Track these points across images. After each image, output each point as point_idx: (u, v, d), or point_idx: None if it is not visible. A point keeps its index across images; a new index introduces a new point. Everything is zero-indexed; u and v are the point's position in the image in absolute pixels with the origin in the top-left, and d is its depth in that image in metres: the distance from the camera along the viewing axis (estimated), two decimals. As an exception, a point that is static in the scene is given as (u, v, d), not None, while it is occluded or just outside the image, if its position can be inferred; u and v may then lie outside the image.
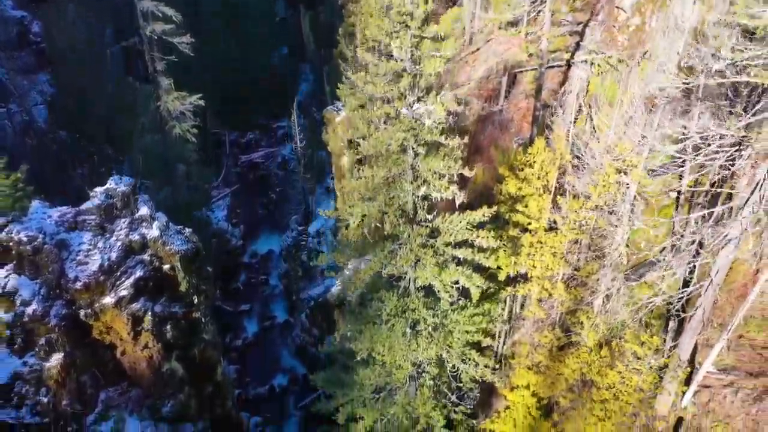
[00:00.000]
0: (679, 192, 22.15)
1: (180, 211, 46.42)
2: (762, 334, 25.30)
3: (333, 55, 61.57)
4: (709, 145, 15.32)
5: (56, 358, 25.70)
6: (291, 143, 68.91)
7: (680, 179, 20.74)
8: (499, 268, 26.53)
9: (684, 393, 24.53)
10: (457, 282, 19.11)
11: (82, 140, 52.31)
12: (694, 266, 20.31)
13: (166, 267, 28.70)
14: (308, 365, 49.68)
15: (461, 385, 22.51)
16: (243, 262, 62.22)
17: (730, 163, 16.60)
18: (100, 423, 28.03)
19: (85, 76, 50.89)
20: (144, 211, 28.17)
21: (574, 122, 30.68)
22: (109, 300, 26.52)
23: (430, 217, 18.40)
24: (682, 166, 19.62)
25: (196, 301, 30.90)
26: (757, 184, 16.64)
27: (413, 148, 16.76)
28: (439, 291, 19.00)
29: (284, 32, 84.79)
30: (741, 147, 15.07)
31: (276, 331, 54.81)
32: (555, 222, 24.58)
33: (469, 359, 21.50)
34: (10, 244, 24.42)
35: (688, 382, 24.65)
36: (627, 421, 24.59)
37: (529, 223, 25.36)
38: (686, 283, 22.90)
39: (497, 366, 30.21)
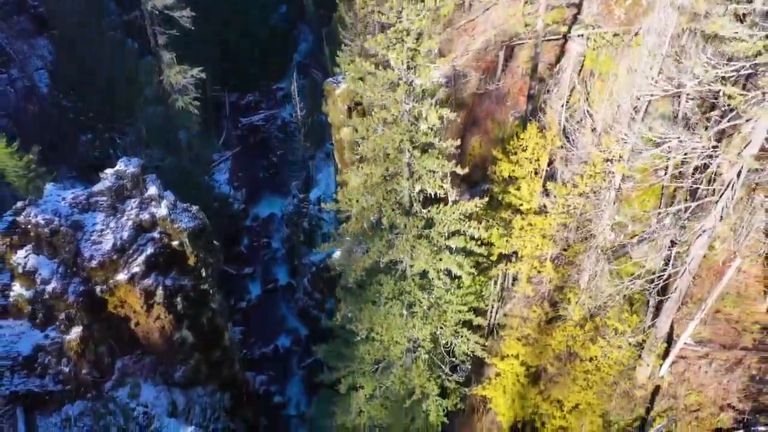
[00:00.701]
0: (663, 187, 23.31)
1: (184, 179, 47.63)
2: (737, 310, 26.95)
3: (332, 18, 61.51)
4: (686, 153, 16.44)
5: (75, 332, 27.43)
6: (291, 104, 69.18)
7: (665, 171, 21.87)
8: (492, 244, 28.07)
9: (661, 364, 26.39)
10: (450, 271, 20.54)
11: (85, 108, 52.88)
12: (672, 253, 21.67)
13: (175, 243, 30.13)
14: (310, 327, 51.88)
15: (454, 359, 24.23)
16: (245, 225, 63.68)
17: (707, 163, 17.78)
18: (118, 389, 30.03)
19: (86, 44, 51.09)
20: (153, 190, 29.40)
21: (568, 101, 31.59)
22: (122, 276, 28.06)
23: (425, 211, 19.62)
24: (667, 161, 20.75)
25: (203, 273, 32.49)
26: (729, 183, 17.91)
27: (409, 150, 17.88)
28: (432, 279, 20.48)
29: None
30: (714, 152, 16.20)
31: (279, 294, 56.76)
32: (545, 206, 25.85)
33: (462, 336, 23.13)
34: (29, 226, 25.76)
35: (666, 354, 26.47)
36: (608, 390, 26.52)
37: (521, 205, 26.67)
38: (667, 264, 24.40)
39: (490, 335, 32.13)
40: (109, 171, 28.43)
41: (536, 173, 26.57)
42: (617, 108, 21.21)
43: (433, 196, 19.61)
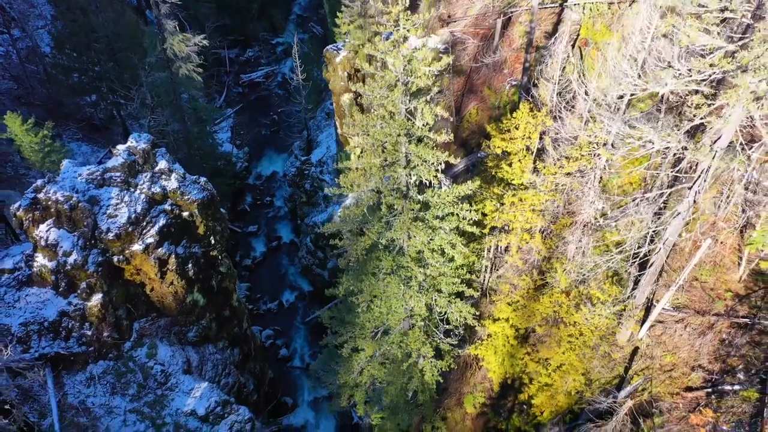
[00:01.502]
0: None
1: (189, 142, 48.90)
2: (712, 278, 28.87)
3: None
4: (664, 152, 17.91)
5: (96, 298, 29.44)
6: (291, 60, 69.43)
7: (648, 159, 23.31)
8: (485, 215, 29.78)
9: (641, 328, 28.51)
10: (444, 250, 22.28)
11: (87, 70, 53.53)
12: (649, 232, 23.35)
13: (185, 214, 31.79)
14: (313, 284, 54.13)
15: (448, 326, 26.29)
16: (248, 183, 65.15)
17: (680, 156, 19.26)
18: (136, 349, 32.32)
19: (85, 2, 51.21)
20: (163, 165, 30.84)
21: (562, 72, 32.56)
22: (137, 247, 29.85)
23: (421, 197, 21.18)
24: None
25: (212, 241, 34.29)
26: (702, 172, 19.44)
27: (405, 144, 19.31)
28: (427, 260, 22.27)
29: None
30: (683, 153, 17.63)
31: (283, 251, 58.76)
32: (534, 183, 27.39)
33: (455, 305, 25.09)
34: (49, 202, 27.34)
35: (645, 318, 28.55)
36: (589, 352, 28.75)
37: (512, 180, 28.19)
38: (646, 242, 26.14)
39: (483, 297, 34.22)
40: (120, 147, 29.78)
41: (528, 149, 28.00)
42: (604, 96, 22.48)
43: (428, 183, 21.06)
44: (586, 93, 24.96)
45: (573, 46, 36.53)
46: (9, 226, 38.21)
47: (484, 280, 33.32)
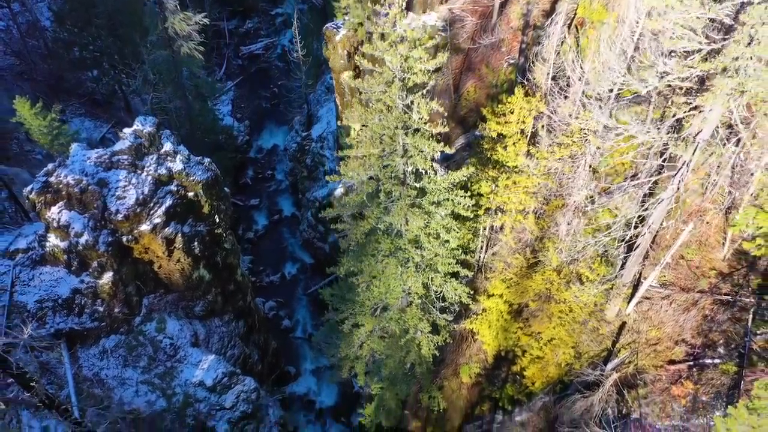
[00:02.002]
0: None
1: (191, 118, 49.62)
2: (697, 257, 30.09)
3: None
4: (650, 148, 18.86)
5: (107, 276, 30.71)
6: (290, 31, 69.41)
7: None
8: (480, 195, 30.87)
9: (628, 304, 29.86)
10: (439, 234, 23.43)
11: (88, 45, 53.85)
12: (635, 218, 24.44)
13: (190, 194, 32.84)
14: (314, 256, 55.47)
15: (444, 303, 27.59)
16: (250, 157, 65.94)
17: (664, 148, 20.22)
18: (146, 324, 33.75)
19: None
20: (168, 147, 31.75)
21: (558, 53, 33.19)
22: (145, 227, 30.99)
23: (417, 184, 22.21)
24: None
25: (217, 219, 35.42)
26: (683, 164, 20.44)
27: (402, 137, 20.25)
28: (423, 243, 23.42)
29: None
30: (665, 147, 18.58)
31: (284, 224, 59.92)
32: (528, 166, 28.36)
33: (450, 284, 26.35)
34: (60, 186, 28.37)
35: (633, 295, 29.86)
36: (578, 328, 30.16)
37: (507, 163, 29.17)
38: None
39: (478, 272, 35.51)
40: (127, 131, 30.65)
41: (522, 132, 28.90)
42: (596, 82, 23.29)
43: (425, 171, 22.05)
44: (579, 79, 25.77)
45: (570, 25, 36.98)
46: (19, 204, 39.32)
47: (479, 258, 34.56)
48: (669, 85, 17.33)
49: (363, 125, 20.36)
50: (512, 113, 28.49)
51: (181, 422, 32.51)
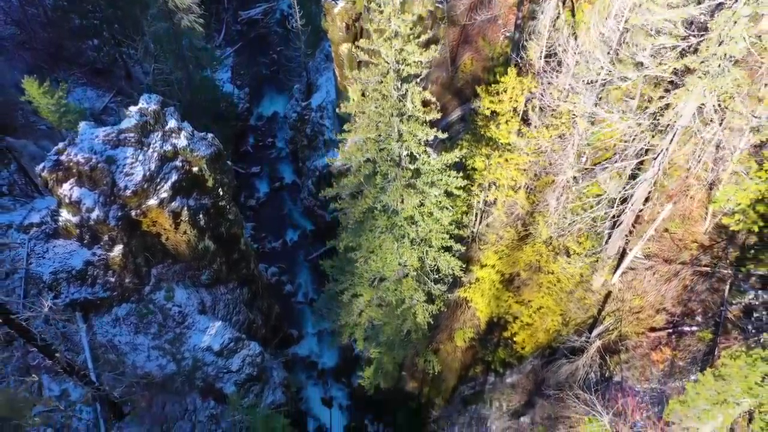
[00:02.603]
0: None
1: (192, 88, 50.36)
2: (681, 230, 31.50)
3: None
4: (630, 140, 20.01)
5: (117, 249, 32.20)
6: (289, -6, 69.08)
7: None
8: (475, 170, 32.13)
9: (614, 275, 31.43)
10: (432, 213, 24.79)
11: (88, 14, 54.15)
12: (618, 197, 25.75)
13: (195, 169, 34.04)
14: (315, 223, 56.94)
15: (438, 275, 29.15)
16: (250, 125, 66.72)
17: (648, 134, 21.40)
18: (155, 292, 35.42)
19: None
20: (172, 123, 32.80)
21: (554, 26, 33.88)
22: (153, 202, 32.31)
23: (412, 167, 23.45)
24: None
25: (221, 192, 36.70)
26: (661, 151, 21.66)
27: (397, 124, 21.40)
28: (418, 221, 24.80)
29: None
30: (641, 136, 19.74)
31: (285, 192, 61.20)
32: (519, 145, 29.50)
33: (443, 258, 27.85)
34: (71, 164, 29.57)
35: (618, 266, 31.41)
36: (565, 297, 31.81)
37: (499, 140, 30.32)
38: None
39: (473, 242, 37.01)
40: (133, 109, 31.63)
41: (515, 111, 29.97)
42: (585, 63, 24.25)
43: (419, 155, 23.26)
44: (569, 63, 26.68)
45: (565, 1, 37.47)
46: (28, 177, 40.55)
47: (473, 229, 36.01)
48: (649, 76, 18.39)
49: (360, 111, 21.46)
50: (505, 92, 29.51)
51: (190, 384, 34.48)
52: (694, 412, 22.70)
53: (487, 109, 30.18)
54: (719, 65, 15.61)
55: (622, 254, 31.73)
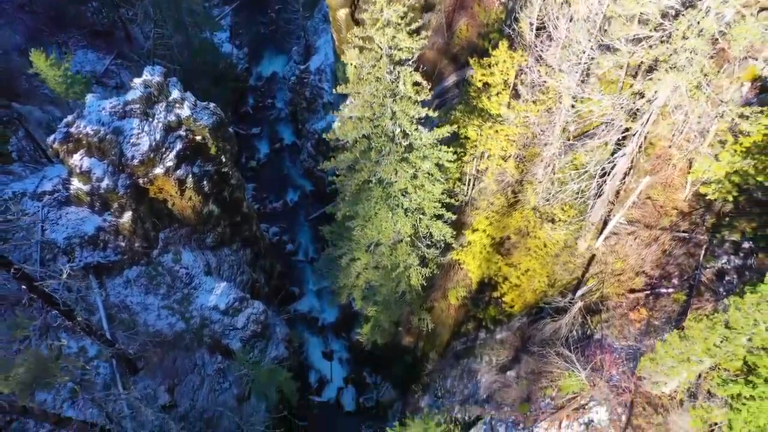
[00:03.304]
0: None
1: (192, 50, 51.05)
2: (662, 197, 33.06)
3: None
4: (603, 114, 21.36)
5: (127, 215, 33.88)
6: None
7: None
8: (467, 138, 33.50)
9: (597, 239, 33.19)
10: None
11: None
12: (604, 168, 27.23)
13: (198, 138, 35.39)
14: (315, 184, 58.45)
15: (431, 241, 30.91)
16: (250, 85, 67.37)
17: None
18: (163, 255, 37.29)
19: None
20: (176, 94, 33.98)
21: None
22: (159, 170, 33.81)
23: (405, 143, 24.87)
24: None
25: (223, 159, 38.14)
26: (636, 133, 23.04)
27: (391, 102, 22.72)
28: (410, 193, 26.38)
29: None
30: (614, 116, 21.08)
31: (285, 153, 62.47)
32: (509, 117, 30.77)
33: (436, 226, 29.55)
34: (80, 135, 30.94)
35: (602, 230, 33.13)
36: (551, 260, 33.65)
37: (491, 111, 31.58)
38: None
39: (466, 206, 38.64)
40: (137, 80, 32.78)
41: (505, 83, 31.13)
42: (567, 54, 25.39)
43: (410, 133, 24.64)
44: (558, 39, 27.71)
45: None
46: (36, 143, 41.86)
47: (467, 193, 37.59)
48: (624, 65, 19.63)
49: (356, 93, 22.77)
50: (496, 65, 30.60)
51: (199, 341, 36.74)
52: (662, 368, 24.91)
53: (479, 81, 31.33)
54: (687, 58, 16.88)
55: (606, 221, 33.42)
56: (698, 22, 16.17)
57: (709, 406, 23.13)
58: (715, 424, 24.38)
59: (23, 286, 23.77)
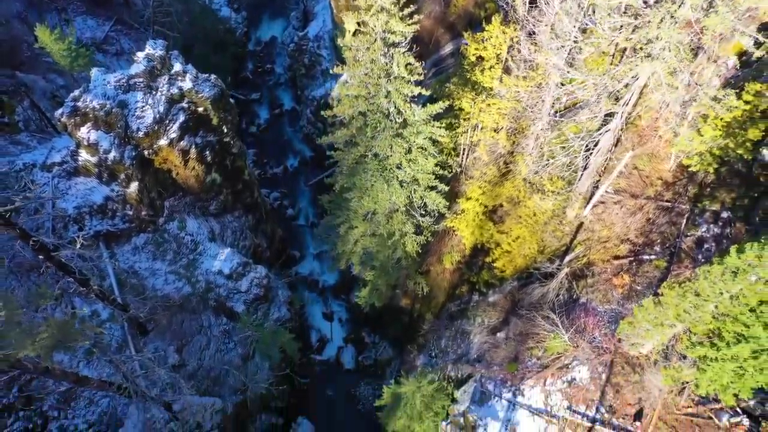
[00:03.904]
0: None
1: (192, 18, 51.50)
2: (648, 167, 34.35)
3: None
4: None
5: (133, 186, 35.25)
6: None
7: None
8: (461, 109, 34.60)
9: (586, 207, 34.62)
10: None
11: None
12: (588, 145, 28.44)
13: (200, 110, 36.46)
14: (314, 150, 59.51)
15: (425, 211, 32.36)
16: (249, 50, 67.66)
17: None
18: (169, 223, 38.83)
19: None
20: (178, 67, 34.89)
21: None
22: (163, 141, 35.03)
23: (400, 120, 26.05)
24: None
25: (225, 129, 39.28)
26: (619, 115, 24.18)
27: (385, 82, 23.83)
28: (404, 167, 27.70)
29: None
30: (598, 97, 22.22)
31: (285, 118, 63.29)
32: (500, 92, 31.79)
33: (429, 197, 30.96)
34: (87, 109, 32.04)
35: (590, 199, 34.54)
36: (541, 228, 35.17)
37: (484, 84, 32.58)
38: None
39: (460, 174, 39.94)
40: (140, 54, 33.64)
41: (498, 58, 32.06)
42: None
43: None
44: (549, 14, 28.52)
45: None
46: (41, 112, 42.82)
47: (461, 163, 38.86)
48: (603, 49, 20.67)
49: (353, 75, 23.87)
50: (490, 40, 31.46)
51: (205, 304, 38.61)
52: (639, 331, 26.72)
53: (473, 54, 32.24)
54: (661, 48, 17.97)
55: (593, 190, 34.78)
56: (672, 15, 17.21)
57: (680, 367, 24.98)
58: (686, 382, 26.34)
59: (41, 257, 25.32)
